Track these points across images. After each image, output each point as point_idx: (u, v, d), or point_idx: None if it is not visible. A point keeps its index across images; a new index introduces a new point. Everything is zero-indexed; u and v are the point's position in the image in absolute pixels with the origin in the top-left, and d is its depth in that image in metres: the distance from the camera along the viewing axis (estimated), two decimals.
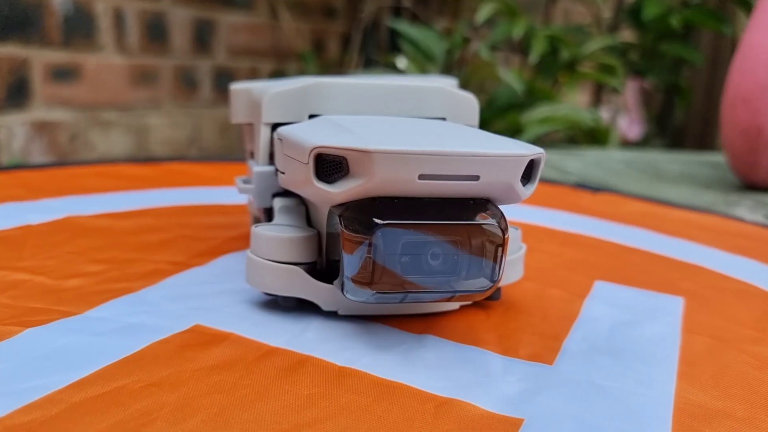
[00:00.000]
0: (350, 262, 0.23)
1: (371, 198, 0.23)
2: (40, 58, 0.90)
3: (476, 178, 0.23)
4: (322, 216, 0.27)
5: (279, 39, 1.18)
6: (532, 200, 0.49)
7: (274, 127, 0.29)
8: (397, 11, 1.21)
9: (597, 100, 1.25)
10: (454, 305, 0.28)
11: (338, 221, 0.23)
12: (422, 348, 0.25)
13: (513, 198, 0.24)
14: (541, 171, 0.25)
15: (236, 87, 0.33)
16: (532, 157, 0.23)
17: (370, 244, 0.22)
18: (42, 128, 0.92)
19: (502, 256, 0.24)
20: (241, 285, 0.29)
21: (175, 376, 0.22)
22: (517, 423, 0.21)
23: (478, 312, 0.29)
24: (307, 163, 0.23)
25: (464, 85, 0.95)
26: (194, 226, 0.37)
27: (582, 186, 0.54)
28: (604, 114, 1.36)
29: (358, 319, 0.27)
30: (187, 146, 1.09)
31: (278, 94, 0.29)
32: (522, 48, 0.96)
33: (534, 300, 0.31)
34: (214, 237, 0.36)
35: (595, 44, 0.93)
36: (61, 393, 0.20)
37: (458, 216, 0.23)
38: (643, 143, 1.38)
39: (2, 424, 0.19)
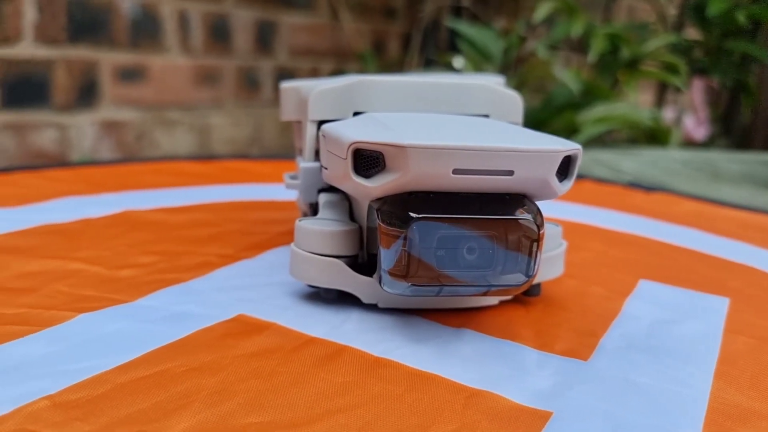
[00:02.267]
0: (387, 255, 0.23)
1: (408, 193, 0.23)
2: (108, 60, 0.94)
3: (510, 173, 0.23)
4: (363, 211, 0.28)
5: (339, 39, 1.20)
6: (581, 199, 0.49)
7: (320, 124, 0.30)
8: (458, 11, 1.21)
9: (661, 99, 1.22)
10: (493, 300, 0.28)
11: (376, 215, 0.24)
12: (458, 341, 0.25)
13: (549, 194, 0.24)
14: (578, 167, 0.25)
15: (286, 85, 0.34)
16: (566, 153, 0.24)
17: (405, 238, 0.23)
18: (110, 127, 0.96)
19: (537, 252, 0.24)
20: (285, 277, 0.30)
21: (216, 361, 0.23)
22: (545, 416, 0.21)
23: (518, 307, 0.29)
24: (346, 158, 0.23)
25: (521, 85, 0.94)
26: (245, 221, 0.39)
27: (635, 185, 0.53)
28: (669, 114, 1.33)
29: (397, 312, 0.27)
30: (248, 145, 1.12)
31: (324, 91, 0.29)
32: (581, 47, 0.94)
33: (574, 297, 0.30)
34: (263, 231, 0.37)
35: (656, 42, 0.91)
36: (108, 374, 0.21)
37: (494, 211, 0.23)
38: (708, 144, 1.35)
39: (52, 400, 0.20)
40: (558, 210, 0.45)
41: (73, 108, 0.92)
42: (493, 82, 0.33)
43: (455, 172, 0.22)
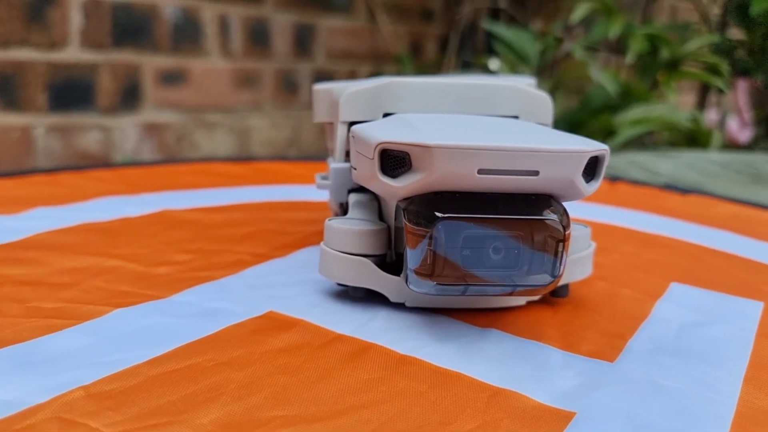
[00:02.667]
0: (413, 255, 0.24)
1: (434, 193, 0.24)
2: (151, 64, 0.96)
3: (536, 173, 0.23)
4: (391, 210, 0.28)
5: (377, 42, 1.20)
6: (615, 201, 0.49)
7: (351, 125, 0.30)
8: (495, 13, 1.21)
9: (703, 101, 1.20)
10: (521, 300, 0.28)
11: (402, 215, 0.24)
12: (484, 341, 0.26)
13: (575, 194, 0.24)
14: (605, 168, 0.25)
15: (319, 87, 0.35)
16: (593, 154, 0.24)
17: (431, 237, 0.23)
18: (152, 129, 0.98)
19: (563, 252, 0.24)
20: (316, 276, 0.30)
21: (245, 356, 0.23)
22: (568, 416, 0.21)
23: (545, 308, 0.29)
24: (373, 159, 0.24)
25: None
26: (280, 221, 0.39)
27: (671, 187, 0.52)
28: (712, 116, 1.30)
29: (424, 312, 0.28)
30: (286, 147, 1.13)
31: (354, 93, 0.30)
32: (620, 48, 0.93)
33: (604, 299, 0.30)
34: (297, 231, 0.38)
35: (697, 42, 0.90)
36: (141, 367, 0.22)
37: (520, 211, 0.24)
38: (752, 146, 1.32)
39: (87, 390, 0.21)
40: (591, 212, 0.45)
41: (116, 110, 0.94)
42: (524, 84, 0.33)
43: (480, 172, 0.23)
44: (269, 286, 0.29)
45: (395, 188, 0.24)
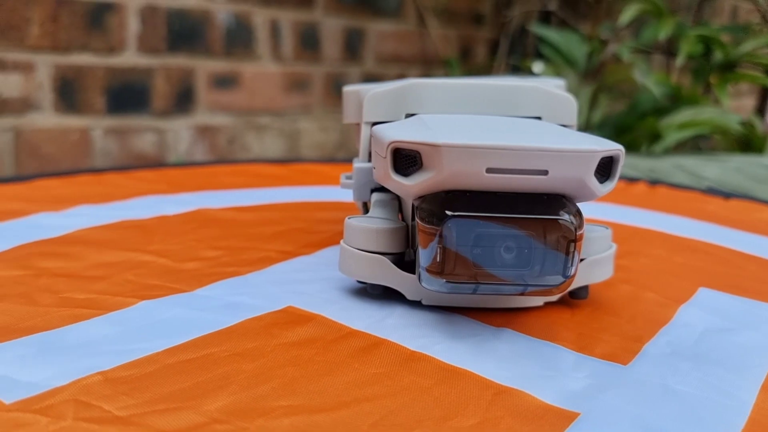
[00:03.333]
0: (425, 252, 0.24)
1: (445, 191, 0.24)
2: (204, 68, 0.98)
3: (545, 172, 0.23)
4: (410, 209, 0.28)
5: (426, 46, 1.21)
6: (653, 205, 0.48)
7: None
8: (546, 16, 1.20)
9: (763, 104, 1.16)
10: (538, 301, 0.28)
11: (415, 213, 0.24)
12: (497, 340, 0.26)
13: (588, 194, 0.24)
14: (620, 168, 0.25)
15: (348, 89, 0.35)
16: (604, 154, 0.23)
17: (441, 235, 0.23)
18: (204, 132, 1.00)
19: (575, 252, 0.24)
20: (338, 273, 0.31)
21: (258, 348, 0.24)
22: (571, 416, 0.21)
23: (564, 310, 0.29)
24: (386, 157, 0.24)
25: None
26: (309, 220, 0.40)
27: (713, 191, 0.51)
28: None
29: (440, 310, 0.28)
30: (335, 150, 1.14)
31: (377, 94, 0.30)
32: (672, 50, 0.91)
33: (626, 302, 0.30)
34: (325, 230, 0.38)
35: (753, 44, 0.87)
36: (158, 355, 0.23)
37: (531, 210, 0.24)
38: None
39: (105, 375, 0.22)
40: (625, 215, 0.44)
41: (170, 113, 0.97)
42: (552, 85, 0.33)
43: (489, 171, 0.23)
44: (291, 282, 0.30)
45: (407, 186, 0.24)
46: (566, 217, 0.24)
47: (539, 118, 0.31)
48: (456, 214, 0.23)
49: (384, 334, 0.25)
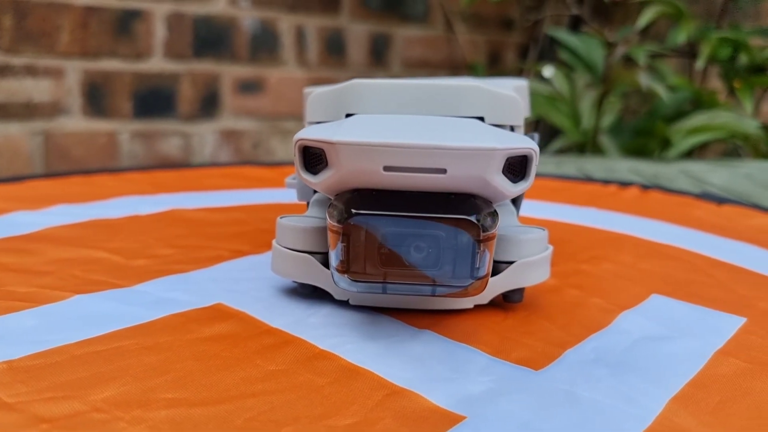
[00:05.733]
0: (334, 251, 0.24)
1: (354, 190, 0.24)
2: (229, 73, 1.00)
3: (443, 171, 0.23)
4: None
5: (454, 51, 1.20)
6: (641, 210, 0.47)
7: None
8: (576, 21, 1.18)
9: None
10: (468, 303, 0.28)
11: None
12: (413, 341, 0.25)
13: (496, 194, 0.24)
14: (535, 167, 0.24)
15: (307, 90, 0.35)
16: (508, 153, 0.23)
17: (345, 233, 0.23)
18: (229, 136, 1.02)
19: (485, 253, 0.23)
20: None
21: (168, 343, 0.24)
22: (456, 419, 0.21)
23: (497, 313, 0.28)
24: (295, 155, 0.24)
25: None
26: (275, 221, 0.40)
27: (707, 196, 0.49)
28: None
29: (366, 310, 0.28)
30: None
31: (319, 94, 0.30)
32: (693, 53, 0.88)
33: (567, 307, 0.29)
34: None
35: None
36: (70, 347, 0.24)
37: (439, 210, 0.23)
38: None
39: (10, 364, 0.22)
40: (602, 219, 0.43)
41: (196, 117, 0.99)
42: (512, 87, 0.33)
43: (386, 169, 0.23)
44: (230, 280, 0.30)
45: (313, 183, 0.24)
46: (473, 217, 0.23)
47: (481, 118, 0.30)
48: (359, 212, 0.23)
49: (299, 333, 0.26)
